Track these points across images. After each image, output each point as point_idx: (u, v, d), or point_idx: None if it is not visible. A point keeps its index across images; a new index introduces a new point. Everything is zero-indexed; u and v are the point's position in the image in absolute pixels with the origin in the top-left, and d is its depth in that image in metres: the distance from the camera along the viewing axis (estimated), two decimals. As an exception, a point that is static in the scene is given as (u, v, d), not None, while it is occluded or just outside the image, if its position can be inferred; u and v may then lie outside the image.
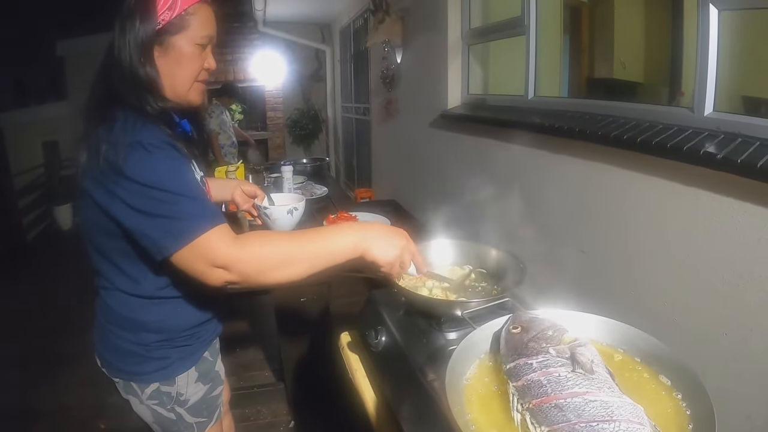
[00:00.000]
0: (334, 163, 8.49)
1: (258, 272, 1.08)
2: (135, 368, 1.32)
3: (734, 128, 1.46)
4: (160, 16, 1.15)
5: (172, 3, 1.15)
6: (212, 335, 1.48)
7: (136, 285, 1.25)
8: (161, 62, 1.20)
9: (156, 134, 1.10)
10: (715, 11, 1.53)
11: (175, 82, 1.22)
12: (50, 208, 7.80)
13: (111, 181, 1.06)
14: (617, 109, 1.95)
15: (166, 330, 1.31)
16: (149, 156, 1.06)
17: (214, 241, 1.04)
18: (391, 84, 4.48)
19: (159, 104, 1.18)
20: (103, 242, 1.21)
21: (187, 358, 1.37)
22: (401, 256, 1.18)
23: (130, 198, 1.05)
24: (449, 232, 1.64)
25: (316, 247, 1.12)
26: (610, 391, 0.81)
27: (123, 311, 1.28)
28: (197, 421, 1.42)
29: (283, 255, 1.09)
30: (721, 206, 1.41)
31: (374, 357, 1.37)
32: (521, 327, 1.00)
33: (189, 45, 1.20)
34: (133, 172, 1.04)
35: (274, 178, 3.68)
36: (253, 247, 1.08)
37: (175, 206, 1.05)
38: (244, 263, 1.06)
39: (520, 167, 2.45)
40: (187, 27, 1.18)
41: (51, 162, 8.43)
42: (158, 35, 1.16)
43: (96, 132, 1.10)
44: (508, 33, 2.75)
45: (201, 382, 1.41)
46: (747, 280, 1.35)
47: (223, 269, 1.05)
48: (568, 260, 2.00)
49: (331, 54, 8.19)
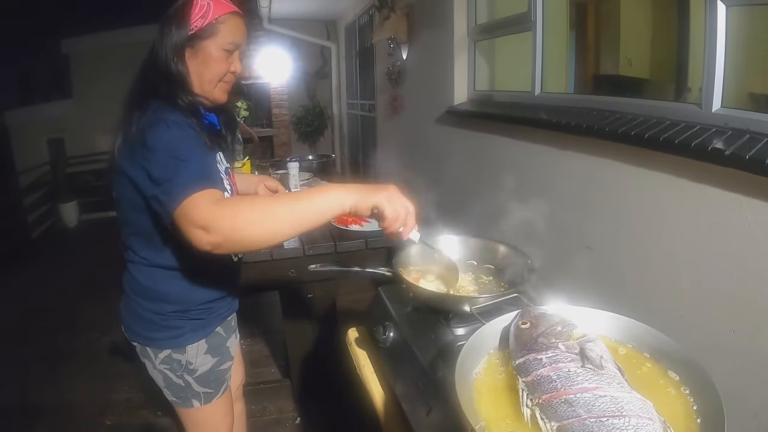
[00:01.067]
0: (339, 159, 8.48)
1: (235, 229, 1.07)
2: (151, 334, 1.46)
3: (742, 124, 1.46)
4: (194, 23, 1.31)
5: (205, 12, 1.31)
6: (227, 312, 1.61)
7: (159, 256, 1.38)
8: (191, 63, 1.34)
9: (179, 116, 1.24)
10: (723, 7, 1.53)
11: (203, 80, 1.36)
12: (55, 205, 7.82)
13: (139, 155, 1.19)
14: (624, 105, 1.94)
15: (182, 302, 1.44)
16: (167, 129, 1.19)
17: (198, 202, 1.08)
18: (396, 80, 4.48)
19: (188, 98, 1.32)
20: (134, 216, 1.34)
21: (199, 330, 1.49)
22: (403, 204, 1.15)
23: (148, 165, 1.17)
24: (457, 228, 1.64)
25: (299, 204, 1.11)
26: (619, 387, 0.81)
27: (146, 282, 1.42)
28: (204, 391, 1.54)
29: (263, 212, 1.09)
30: (729, 202, 1.40)
31: (382, 352, 1.38)
32: (530, 322, 1.00)
33: (217, 50, 1.34)
34: (151, 141, 1.17)
35: (280, 175, 3.68)
36: (231, 205, 1.11)
37: (173, 169, 1.13)
38: (220, 220, 1.06)
39: (526, 163, 2.45)
40: (216, 33, 1.33)
41: (56, 159, 8.43)
42: (190, 39, 1.32)
43: (131, 116, 1.25)
44: (514, 29, 2.75)
45: (210, 354, 1.53)
46: (755, 277, 1.35)
47: (203, 230, 1.06)
48: (575, 256, 2.00)
49: (336, 51, 8.17)
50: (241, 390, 1.97)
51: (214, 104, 1.43)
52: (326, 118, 8.80)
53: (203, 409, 1.55)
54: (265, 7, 6.13)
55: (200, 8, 1.31)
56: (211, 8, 1.32)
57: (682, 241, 1.58)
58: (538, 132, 2.26)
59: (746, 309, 1.38)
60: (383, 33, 4.25)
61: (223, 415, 1.63)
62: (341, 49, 7.95)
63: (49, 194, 7.86)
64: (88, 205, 8.08)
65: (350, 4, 6.59)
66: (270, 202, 1.15)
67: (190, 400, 1.53)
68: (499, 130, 2.64)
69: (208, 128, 1.39)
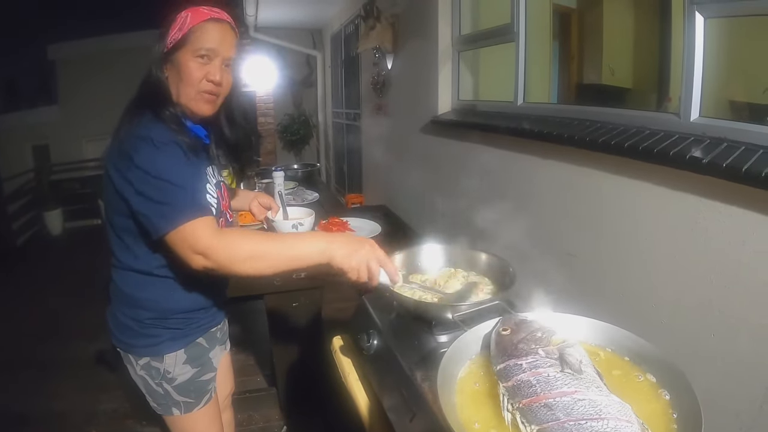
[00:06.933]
0: (324, 168, 8.49)
1: (230, 262, 1.21)
2: (130, 340, 1.48)
3: (720, 133, 1.49)
4: (171, 36, 1.35)
5: (182, 24, 1.35)
6: (209, 324, 1.62)
7: (136, 260, 1.42)
8: (170, 75, 1.39)
9: (165, 133, 1.30)
10: (701, 19, 1.56)
11: (180, 92, 1.39)
12: (40, 213, 7.76)
13: (125, 167, 1.26)
14: (605, 115, 1.97)
15: (158, 309, 1.46)
16: (156, 150, 1.25)
17: (198, 230, 1.21)
18: (381, 90, 4.49)
19: (171, 109, 1.37)
20: (117, 221, 1.39)
21: (177, 339, 1.50)
22: (365, 262, 1.24)
23: (137, 183, 1.24)
24: (439, 237, 1.65)
25: (285, 248, 1.26)
26: (598, 391, 0.82)
27: (124, 288, 1.46)
28: (184, 400, 1.54)
29: (254, 250, 1.22)
30: (707, 209, 1.43)
31: (366, 360, 1.38)
32: (511, 329, 1.01)
33: (189, 59, 1.36)
34: (141, 162, 1.23)
35: (266, 184, 3.68)
36: (229, 240, 1.22)
37: (170, 194, 1.23)
38: (219, 252, 1.21)
39: (509, 172, 2.47)
40: (188, 42, 1.35)
41: (41, 166, 8.38)
42: (168, 53, 1.36)
43: (120, 127, 1.32)
44: (498, 40, 2.77)
45: (189, 364, 1.53)
46: (733, 282, 1.37)
47: (202, 256, 1.21)
48: (556, 263, 2.02)
49: (322, 60, 8.19)
50: (229, 400, 1.98)
51: (199, 116, 1.44)
52: (312, 127, 8.81)
53: (185, 419, 1.57)
54: (251, 15, 6.15)
55: (179, 20, 1.35)
56: (188, 19, 1.35)
57: (661, 247, 1.61)
58: (520, 141, 2.28)
59: (726, 314, 1.40)
60: (369, 42, 4.27)
61: (207, 425, 1.63)
62: (327, 58, 7.98)
63: (33, 202, 7.81)
64: (73, 213, 8.05)
65: (336, 14, 6.62)
66: (265, 243, 1.25)
67: (170, 408, 1.54)
68: (482, 139, 2.66)
69: (194, 140, 1.41)
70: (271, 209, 2.03)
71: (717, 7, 1.54)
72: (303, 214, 2.42)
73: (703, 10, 1.55)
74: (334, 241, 1.26)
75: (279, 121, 8.58)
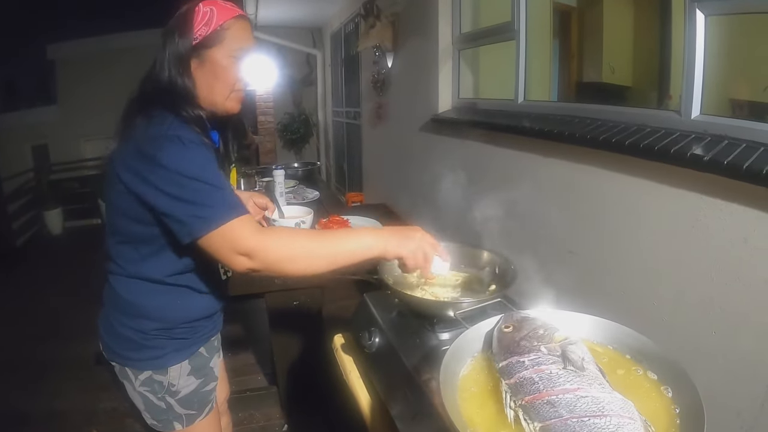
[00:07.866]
0: (325, 167, 8.48)
1: (278, 261, 1.16)
2: (131, 354, 1.38)
3: (721, 131, 1.49)
4: (197, 31, 1.26)
5: (209, 19, 1.26)
6: (211, 332, 1.54)
7: (144, 267, 1.33)
8: (198, 74, 1.30)
9: (191, 133, 1.20)
10: (702, 16, 1.56)
11: (213, 92, 1.32)
12: (39, 213, 7.75)
13: (146, 170, 1.15)
14: (606, 113, 1.97)
15: (164, 319, 1.37)
16: (185, 149, 1.16)
17: (239, 229, 1.13)
18: (381, 88, 4.49)
19: (194, 112, 1.27)
20: (124, 224, 1.29)
21: (182, 350, 1.42)
22: (420, 246, 1.22)
23: (165, 185, 1.14)
24: (440, 235, 1.65)
25: (336, 244, 1.19)
26: (600, 387, 0.82)
27: (127, 296, 1.35)
28: (187, 413, 1.47)
29: (303, 249, 1.17)
30: (708, 207, 1.43)
31: (368, 358, 1.38)
32: (513, 326, 1.01)
33: (225, 58, 1.29)
34: (171, 162, 1.13)
35: (266, 183, 3.67)
36: (275, 239, 1.17)
37: (206, 195, 1.14)
38: (266, 252, 1.14)
39: (510, 170, 2.47)
40: (222, 41, 1.28)
41: (40, 166, 8.37)
42: (195, 49, 1.27)
43: (133, 124, 1.21)
44: (498, 38, 2.77)
45: (193, 375, 1.46)
46: (735, 279, 1.37)
47: (246, 256, 1.13)
48: (558, 261, 2.02)
49: (322, 58, 8.18)
50: (226, 404, 1.91)
51: (224, 116, 1.39)
52: (312, 126, 8.81)
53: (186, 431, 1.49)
54: (251, 14, 6.14)
55: (203, 15, 1.26)
56: (214, 14, 1.26)
57: (663, 245, 1.61)
58: (521, 139, 2.28)
59: (727, 311, 1.40)
60: (369, 41, 4.27)
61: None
62: (327, 56, 7.97)
63: (33, 201, 7.79)
64: (72, 213, 8.04)
65: (336, 13, 6.62)
66: (314, 240, 1.20)
67: (171, 423, 1.46)
68: (482, 137, 2.66)
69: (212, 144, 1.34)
70: (268, 209, 1.93)
71: (718, 4, 1.54)
72: (302, 212, 2.41)
73: (703, 7, 1.55)
74: (382, 232, 1.23)
75: (279, 119, 8.57)
